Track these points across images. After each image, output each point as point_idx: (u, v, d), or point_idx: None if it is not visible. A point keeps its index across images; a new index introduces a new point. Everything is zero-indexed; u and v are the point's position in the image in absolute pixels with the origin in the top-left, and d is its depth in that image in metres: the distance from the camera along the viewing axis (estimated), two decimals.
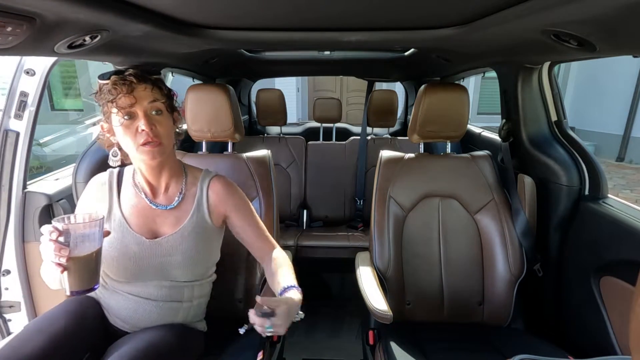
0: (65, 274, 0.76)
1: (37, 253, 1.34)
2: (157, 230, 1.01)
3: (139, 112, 0.89)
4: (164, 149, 0.93)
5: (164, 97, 0.95)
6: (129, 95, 0.88)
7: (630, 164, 6.04)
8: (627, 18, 0.68)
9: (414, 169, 1.41)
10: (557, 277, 1.32)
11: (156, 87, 0.93)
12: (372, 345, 1.26)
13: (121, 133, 0.90)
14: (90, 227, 0.77)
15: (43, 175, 1.50)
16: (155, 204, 1.01)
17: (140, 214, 1.00)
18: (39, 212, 1.32)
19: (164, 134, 0.93)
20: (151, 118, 0.91)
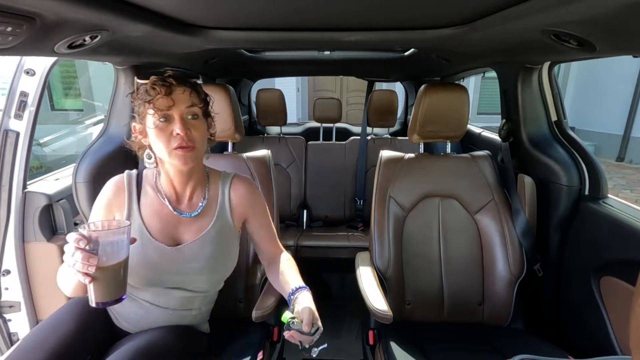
0: (91, 285, 0.72)
1: (37, 253, 1.35)
2: (178, 237, 0.98)
3: (176, 115, 0.87)
4: (197, 154, 0.91)
5: (201, 102, 0.93)
6: (167, 98, 0.86)
7: (630, 164, 6.04)
8: (627, 18, 0.68)
9: (414, 169, 1.41)
10: (557, 277, 1.32)
11: (194, 91, 0.91)
12: (372, 345, 1.26)
13: (154, 135, 0.87)
14: (118, 234, 0.73)
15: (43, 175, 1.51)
16: (179, 212, 0.98)
17: (161, 221, 0.97)
18: (39, 212, 1.32)
19: (199, 138, 0.90)
20: (187, 122, 0.88)
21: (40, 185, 1.43)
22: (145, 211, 0.97)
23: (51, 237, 1.39)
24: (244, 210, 1.05)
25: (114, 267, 0.73)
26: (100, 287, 0.72)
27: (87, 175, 1.33)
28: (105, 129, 1.49)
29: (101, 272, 0.71)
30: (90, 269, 0.70)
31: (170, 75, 0.89)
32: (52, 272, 1.41)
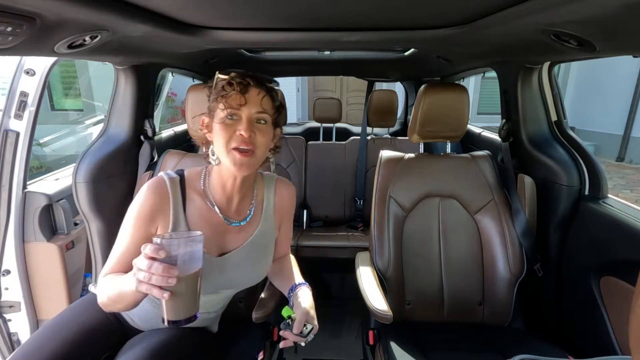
0: (164, 301, 0.66)
1: (37, 253, 1.35)
2: (225, 246, 0.94)
3: (244, 115, 0.84)
4: (255, 161, 0.86)
5: (273, 109, 0.89)
6: (241, 96, 0.83)
7: (630, 164, 6.04)
8: (627, 18, 0.68)
9: (414, 169, 1.41)
10: (557, 277, 1.32)
11: (269, 97, 0.88)
12: (372, 345, 1.26)
13: (218, 130, 0.84)
14: (195, 243, 0.68)
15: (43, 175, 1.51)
16: (228, 220, 0.94)
17: (210, 230, 0.90)
18: (39, 212, 1.33)
19: (261, 144, 0.85)
20: (253, 125, 0.85)
21: (40, 185, 1.42)
22: (192, 220, 0.90)
23: (51, 237, 1.39)
24: (283, 213, 1.05)
25: (192, 279, 0.68)
26: (176, 302, 0.67)
27: (87, 175, 1.33)
28: (106, 129, 1.49)
29: (180, 285, 0.66)
30: (171, 281, 0.63)
31: (250, 75, 0.87)
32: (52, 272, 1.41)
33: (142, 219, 0.86)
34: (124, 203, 1.45)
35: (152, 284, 0.64)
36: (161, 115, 5.47)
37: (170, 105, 6.18)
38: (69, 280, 1.43)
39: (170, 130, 2.18)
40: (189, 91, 1.43)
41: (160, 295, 0.64)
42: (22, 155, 1.32)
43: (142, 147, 1.55)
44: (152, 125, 1.59)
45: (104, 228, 1.42)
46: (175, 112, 6.21)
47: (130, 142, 1.51)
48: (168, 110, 6.11)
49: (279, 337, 1.26)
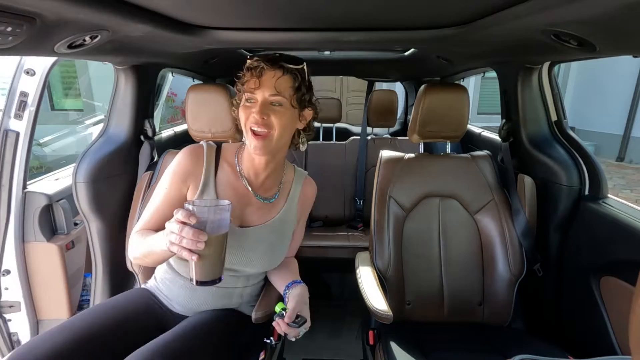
0: (195, 263, 0.72)
1: (37, 253, 1.35)
2: (245, 218, 0.98)
3: (259, 98, 0.88)
4: (271, 143, 0.89)
5: (291, 89, 0.90)
6: (256, 80, 0.87)
7: (630, 164, 6.04)
8: (627, 18, 0.68)
9: (414, 169, 1.41)
10: (557, 277, 1.32)
11: (286, 77, 0.88)
12: (372, 345, 1.26)
13: (240, 113, 0.91)
14: (224, 212, 0.73)
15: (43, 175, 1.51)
16: (256, 194, 0.99)
17: (235, 198, 0.95)
18: (39, 212, 1.33)
19: (277, 125, 0.88)
20: (267, 107, 0.87)
21: (40, 185, 1.42)
22: (221, 185, 0.96)
23: (51, 237, 1.38)
24: (303, 210, 1.10)
25: (219, 245, 0.73)
26: (203, 264, 0.73)
27: (87, 175, 1.33)
28: (106, 128, 1.49)
29: (208, 249, 0.71)
30: (200, 245, 0.69)
31: (266, 57, 0.89)
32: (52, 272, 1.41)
33: (175, 179, 0.95)
34: (124, 203, 1.45)
35: (183, 246, 0.69)
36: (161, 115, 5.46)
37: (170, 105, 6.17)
38: (69, 280, 1.43)
39: (170, 130, 2.18)
40: (189, 91, 1.43)
41: (190, 257, 0.70)
42: (22, 155, 1.32)
43: (142, 147, 1.55)
44: (152, 125, 1.59)
45: (104, 228, 1.42)
46: (175, 112, 6.21)
47: (130, 142, 1.51)
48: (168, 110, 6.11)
49: (280, 337, 1.27)
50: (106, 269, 1.45)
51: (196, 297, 1.01)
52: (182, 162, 0.96)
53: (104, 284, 1.45)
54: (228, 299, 1.04)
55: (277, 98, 0.88)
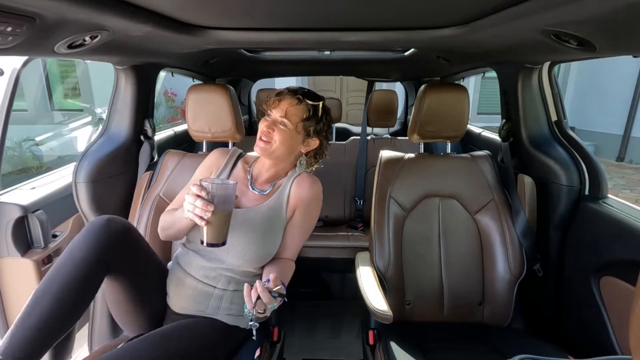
0: (205, 228, 0.90)
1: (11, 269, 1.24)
2: (239, 204, 1.12)
3: (272, 116, 1.08)
4: (269, 150, 1.07)
5: (299, 119, 1.06)
6: (276, 101, 1.08)
7: (630, 164, 6.04)
8: (627, 18, 0.68)
9: (414, 169, 1.41)
10: (557, 277, 1.32)
11: (298, 107, 1.06)
12: (372, 345, 1.26)
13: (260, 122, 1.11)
14: (229, 189, 0.91)
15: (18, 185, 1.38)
16: (252, 186, 1.15)
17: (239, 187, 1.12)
18: (12, 224, 1.20)
19: (277, 140, 1.06)
20: (274, 124, 1.06)
21: (15, 194, 1.29)
22: (233, 177, 1.17)
23: (26, 251, 1.25)
24: (297, 200, 1.13)
25: (224, 215, 0.91)
26: (211, 230, 0.90)
27: (87, 175, 1.33)
28: (106, 128, 1.49)
29: (214, 217, 0.89)
30: (207, 214, 0.87)
31: (291, 88, 1.10)
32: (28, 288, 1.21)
33: (203, 169, 1.19)
34: (124, 203, 1.45)
35: (195, 213, 0.88)
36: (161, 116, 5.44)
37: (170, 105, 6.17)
38: None
39: (170, 130, 2.18)
40: (189, 91, 1.43)
41: (200, 223, 0.89)
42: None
43: (142, 147, 1.55)
44: (152, 125, 1.59)
45: None
46: (175, 112, 6.21)
47: (130, 142, 1.51)
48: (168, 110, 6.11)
49: (279, 337, 1.27)
50: None
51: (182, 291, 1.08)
52: (210, 157, 1.21)
53: None
54: (206, 299, 1.07)
55: (284, 120, 1.06)
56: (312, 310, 2.12)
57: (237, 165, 1.20)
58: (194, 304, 1.07)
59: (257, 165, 1.19)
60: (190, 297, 1.07)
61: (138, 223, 1.36)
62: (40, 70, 5.00)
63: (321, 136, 1.13)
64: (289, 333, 1.92)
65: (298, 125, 1.06)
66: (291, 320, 2.02)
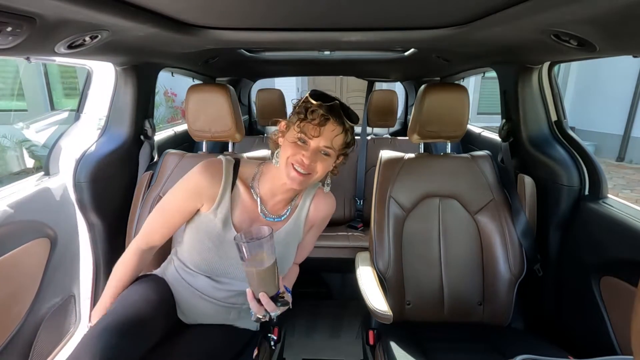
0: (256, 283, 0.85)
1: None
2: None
3: (313, 145, 0.91)
4: (309, 182, 0.95)
5: (342, 145, 0.95)
6: (317, 128, 0.90)
7: (630, 164, 6.04)
8: (627, 18, 0.68)
9: (414, 169, 1.41)
10: (557, 277, 1.32)
11: (343, 135, 0.94)
12: (372, 345, 1.26)
13: (287, 146, 0.93)
14: (264, 245, 0.82)
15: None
16: (264, 213, 1.02)
17: (246, 215, 1.01)
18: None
19: (320, 170, 0.93)
20: (317, 155, 0.92)
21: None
22: (235, 202, 1.00)
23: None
24: (314, 222, 1.10)
25: (269, 268, 0.83)
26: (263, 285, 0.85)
27: (88, 175, 1.33)
28: (105, 128, 1.49)
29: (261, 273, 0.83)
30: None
31: (331, 108, 0.91)
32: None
33: (190, 194, 0.98)
34: (124, 203, 1.45)
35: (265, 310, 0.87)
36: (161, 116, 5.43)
37: (170, 106, 6.17)
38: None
39: (170, 130, 2.18)
40: (189, 91, 1.43)
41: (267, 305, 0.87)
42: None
43: (142, 147, 1.55)
44: (152, 125, 1.59)
45: (104, 228, 1.42)
46: (175, 112, 6.21)
47: (130, 142, 1.51)
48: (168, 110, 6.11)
49: (279, 337, 1.27)
50: (106, 269, 1.45)
51: (199, 306, 1.05)
52: (198, 180, 0.98)
53: (105, 283, 1.45)
54: (226, 314, 1.07)
55: (330, 150, 0.92)
56: (312, 310, 2.12)
57: (236, 186, 1.01)
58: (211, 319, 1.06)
59: (265, 185, 1.02)
60: (207, 315, 1.06)
61: (138, 223, 1.36)
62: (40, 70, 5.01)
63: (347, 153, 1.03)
64: (289, 333, 1.92)
65: (339, 151, 0.97)
66: (291, 320, 2.02)
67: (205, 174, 0.98)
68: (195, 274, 1.03)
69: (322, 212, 1.09)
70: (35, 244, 1.23)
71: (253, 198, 1.02)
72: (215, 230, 0.99)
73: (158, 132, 1.99)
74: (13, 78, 4.94)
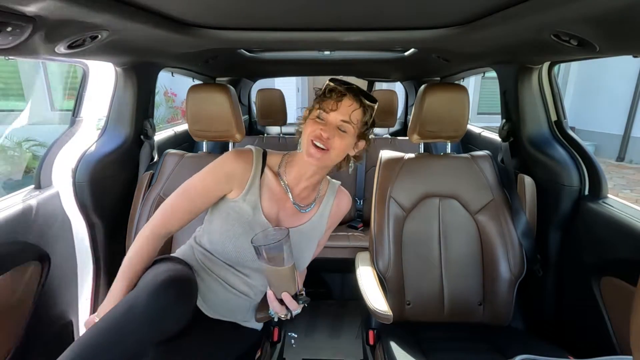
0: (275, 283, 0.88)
1: None
2: (280, 220, 1.05)
3: (330, 119, 0.94)
4: (326, 159, 0.95)
5: (361, 122, 0.97)
6: (335, 102, 0.93)
7: (630, 164, 6.04)
8: (627, 18, 0.68)
9: (414, 169, 1.41)
10: (557, 277, 1.32)
11: (360, 110, 0.96)
12: (372, 345, 1.26)
13: (307, 124, 0.97)
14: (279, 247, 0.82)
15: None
16: (293, 200, 1.05)
17: (275, 202, 1.03)
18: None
19: (336, 147, 0.94)
20: (334, 129, 0.94)
21: None
22: (264, 189, 1.03)
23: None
24: (334, 220, 1.14)
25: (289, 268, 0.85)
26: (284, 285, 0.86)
27: (88, 175, 1.33)
28: (105, 128, 1.49)
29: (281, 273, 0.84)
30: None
31: (353, 87, 0.96)
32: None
33: (220, 177, 1.00)
34: (124, 203, 1.45)
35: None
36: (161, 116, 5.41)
37: (170, 106, 6.17)
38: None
39: (170, 130, 2.18)
40: (189, 91, 1.43)
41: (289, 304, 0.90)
42: None
43: (142, 147, 1.55)
44: (152, 125, 1.59)
45: (104, 228, 1.42)
46: (175, 112, 6.21)
47: (131, 142, 1.51)
48: (168, 110, 6.11)
49: (279, 337, 1.27)
50: (107, 269, 1.45)
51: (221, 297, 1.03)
52: (230, 164, 1.01)
53: (105, 284, 1.45)
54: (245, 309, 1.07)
55: (347, 125, 0.94)
56: (312, 310, 2.12)
57: (265, 173, 1.04)
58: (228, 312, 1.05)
59: (291, 172, 1.05)
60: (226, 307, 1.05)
61: (138, 223, 1.36)
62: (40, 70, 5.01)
63: (369, 138, 1.05)
64: (289, 333, 1.92)
65: (358, 130, 0.98)
66: (291, 321, 2.02)
67: (238, 160, 1.01)
68: (223, 264, 1.02)
69: (342, 209, 1.14)
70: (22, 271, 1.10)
71: (281, 185, 1.04)
72: (245, 216, 1.00)
73: (158, 132, 1.99)
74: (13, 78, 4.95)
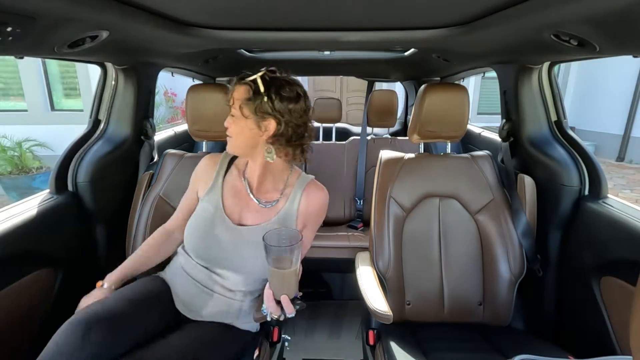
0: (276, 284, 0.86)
1: None
2: (243, 218, 1.07)
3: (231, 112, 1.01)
4: (233, 147, 1.02)
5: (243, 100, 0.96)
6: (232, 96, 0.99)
7: (630, 164, 6.04)
8: (627, 18, 0.68)
9: (414, 169, 1.41)
10: (557, 277, 1.32)
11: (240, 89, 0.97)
12: (372, 345, 1.26)
13: None
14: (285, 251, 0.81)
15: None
16: (255, 197, 1.08)
17: (236, 198, 1.07)
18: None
19: (232, 133, 1.00)
20: (230, 119, 1.01)
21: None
22: (227, 186, 1.09)
23: None
24: (308, 216, 1.10)
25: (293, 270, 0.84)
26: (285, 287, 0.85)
27: (88, 175, 1.33)
28: (105, 129, 1.49)
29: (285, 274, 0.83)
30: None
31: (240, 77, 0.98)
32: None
33: (192, 178, 1.15)
34: (124, 203, 1.45)
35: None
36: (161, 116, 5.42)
37: (170, 106, 6.17)
38: None
39: (170, 130, 2.18)
40: (188, 91, 1.43)
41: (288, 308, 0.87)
42: None
43: (142, 147, 1.55)
44: (152, 125, 1.59)
45: (104, 228, 1.42)
46: (175, 112, 6.21)
47: (131, 142, 1.51)
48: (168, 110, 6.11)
49: (279, 337, 1.27)
50: (107, 268, 1.45)
51: (199, 299, 1.05)
52: (198, 166, 1.15)
53: None
54: (227, 308, 1.07)
55: (232, 110, 0.99)
56: (312, 310, 2.12)
57: (230, 171, 1.12)
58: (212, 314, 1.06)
59: (249, 170, 1.10)
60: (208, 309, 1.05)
61: (138, 223, 1.36)
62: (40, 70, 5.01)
63: (275, 116, 0.94)
64: (288, 333, 1.92)
65: (242, 109, 0.95)
66: (291, 321, 2.02)
67: (206, 161, 1.13)
68: (196, 265, 1.06)
69: (313, 203, 1.09)
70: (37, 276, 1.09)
71: (242, 183, 1.09)
72: (208, 215, 1.05)
73: (158, 132, 1.99)
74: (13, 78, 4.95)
